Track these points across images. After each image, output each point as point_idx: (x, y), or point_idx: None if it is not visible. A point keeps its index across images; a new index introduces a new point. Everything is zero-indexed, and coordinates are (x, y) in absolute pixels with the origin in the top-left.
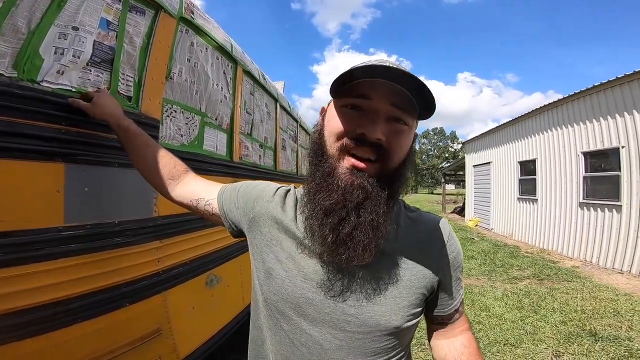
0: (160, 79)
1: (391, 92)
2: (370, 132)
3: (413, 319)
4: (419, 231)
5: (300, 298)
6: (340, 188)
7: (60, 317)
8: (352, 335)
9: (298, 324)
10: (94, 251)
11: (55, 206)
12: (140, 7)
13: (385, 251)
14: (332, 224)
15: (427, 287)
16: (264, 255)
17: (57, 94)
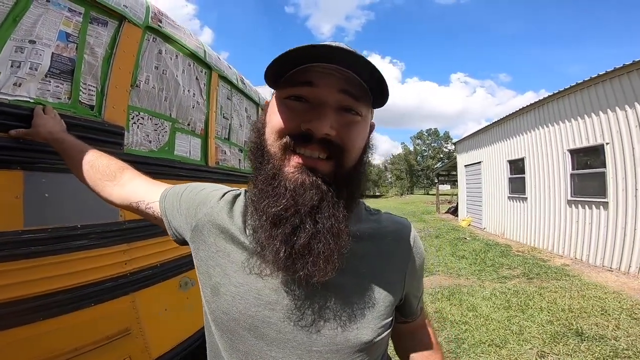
0: (124, 87)
1: (340, 77)
2: (317, 128)
3: (384, 331)
4: (384, 237)
5: (254, 317)
6: (288, 190)
7: (21, 314)
8: (320, 356)
9: (256, 346)
10: (55, 253)
11: (14, 211)
12: (103, 19)
13: (347, 261)
14: (284, 234)
15: (395, 296)
16: (210, 269)
17: (14, 105)
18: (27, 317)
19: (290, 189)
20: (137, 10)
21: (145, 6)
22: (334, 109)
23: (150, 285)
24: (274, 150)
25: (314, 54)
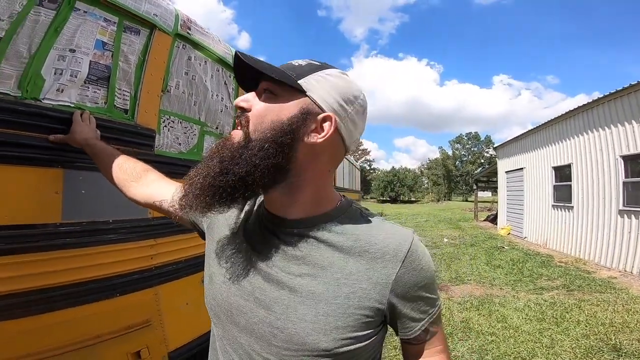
0: (156, 92)
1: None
2: (238, 101)
3: (351, 344)
4: (371, 243)
5: (232, 305)
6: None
7: (55, 301)
8: (278, 351)
9: (230, 330)
10: (88, 245)
11: (54, 205)
12: (135, 28)
13: (326, 263)
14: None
15: (371, 308)
16: (210, 260)
17: (57, 109)
18: (60, 303)
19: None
20: (166, 19)
21: (175, 14)
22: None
23: (173, 280)
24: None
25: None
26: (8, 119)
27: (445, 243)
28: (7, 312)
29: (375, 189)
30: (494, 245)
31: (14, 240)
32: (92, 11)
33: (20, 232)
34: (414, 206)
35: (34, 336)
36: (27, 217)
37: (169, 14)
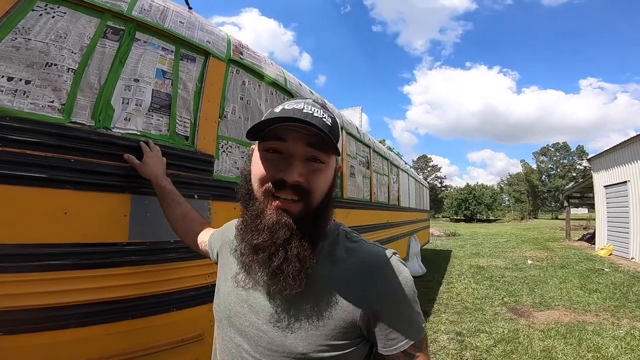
0: (213, 119)
1: (306, 133)
2: (288, 176)
3: (327, 351)
4: (351, 263)
5: (231, 310)
6: (267, 228)
7: (120, 312)
8: (263, 351)
9: (229, 332)
10: (151, 263)
11: (122, 226)
12: (191, 55)
13: (311, 279)
14: (263, 259)
15: (346, 320)
16: (219, 275)
17: (126, 137)
18: (125, 314)
19: (269, 227)
20: (219, 45)
21: (227, 40)
22: (302, 160)
23: None
24: (258, 195)
25: (286, 116)
26: (84, 148)
27: (529, 265)
28: (83, 319)
29: (448, 207)
30: (591, 267)
31: (87, 256)
32: (151, 41)
33: (92, 249)
34: (492, 225)
35: (102, 342)
36: (99, 236)
37: (221, 40)
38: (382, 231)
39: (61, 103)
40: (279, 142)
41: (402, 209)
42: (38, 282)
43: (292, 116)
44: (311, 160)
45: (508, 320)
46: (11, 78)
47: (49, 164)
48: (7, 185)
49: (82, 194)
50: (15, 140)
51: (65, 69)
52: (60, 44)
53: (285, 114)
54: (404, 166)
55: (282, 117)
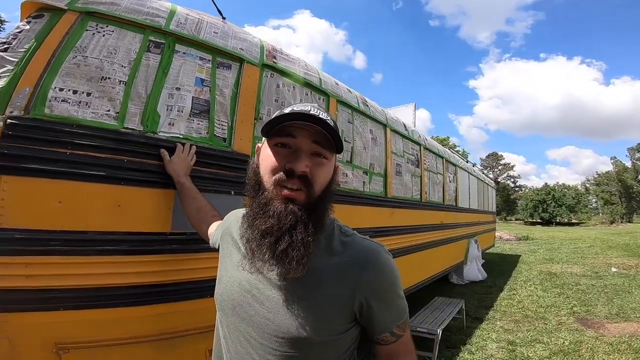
0: (249, 121)
1: (312, 132)
2: (297, 166)
3: (324, 336)
4: (345, 255)
5: (235, 300)
6: (275, 214)
7: (158, 295)
8: (270, 337)
9: (233, 321)
10: (191, 252)
11: (166, 218)
12: (227, 63)
13: (311, 269)
14: (270, 243)
15: (343, 306)
16: (221, 264)
17: (170, 140)
18: (164, 297)
19: (277, 213)
20: (252, 51)
21: (259, 45)
22: (308, 154)
23: None
24: (267, 185)
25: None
26: (136, 150)
27: (613, 273)
28: (129, 300)
29: (522, 209)
30: None
31: (137, 244)
32: (190, 52)
33: (141, 237)
34: (575, 229)
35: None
36: (147, 226)
37: (254, 46)
38: (434, 232)
39: (116, 111)
40: (289, 138)
41: (460, 210)
42: (96, 264)
43: (302, 113)
44: (316, 155)
45: (573, 331)
46: (75, 91)
47: (107, 164)
48: (75, 181)
49: (133, 189)
50: (81, 144)
51: (117, 81)
52: (112, 59)
53: (297, 113)
54: (463, 164)
55: (295, 114)
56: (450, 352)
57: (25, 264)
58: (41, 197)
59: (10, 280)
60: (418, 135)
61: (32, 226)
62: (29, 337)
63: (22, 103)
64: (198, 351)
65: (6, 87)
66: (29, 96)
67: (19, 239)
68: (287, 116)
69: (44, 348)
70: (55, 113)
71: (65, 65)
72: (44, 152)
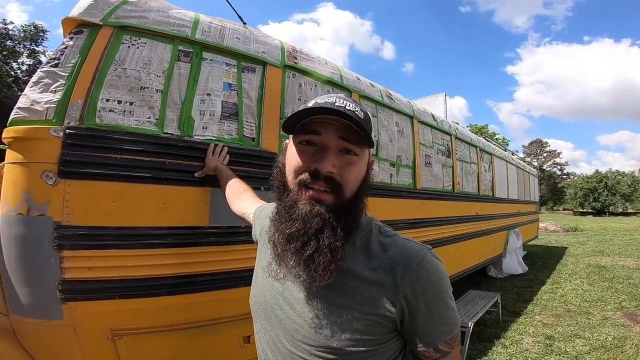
0: (275, 121)
1: (339, 126)
2: (322, 167)
3: (359, 346)
4: (384, 257)
5: (267, 303)
6: (300, 217)
7: (197, 285)
8: (299, 345)
9: (265, 325)
10: (227, 244)
11: (204, 213)
12: (251, 66)
13: (344, 271)
14: (295, 248)
15: (379, 315)
16: (257, 263)
17: (205, 142)
18: (202, 287)
19: (302, 216)
20: (274, 53)
21: (280, 47)
22: (335, 152)
23: None
24: (292, 186)
25: (320, 109)
26: (175, 153)
27: None
28: (172, 289)
29: (570, 198)
30: None
31: (179, 237)
32: (216, 58)
33: (183, 231)
34: (631, 219)
35: (184, 310)
36: (187, 220)
37: (275, 48)
38: (468, 224)
39: (155, 118)
40: (313, 135)
41: (498, 200)
42: (145, 257)
43: (324, 106)
44: (345, 153)
45: (618, 327)
46: (120, 101)
47: (151, 166)
48: (125, 182)
49: (175, 188)
50: (128, 149)
51: (155, 90)
52: (148, 69)
53: (318, 107)
54: (500, 153)
55: (316, 108)
56: (483, 346)
57: (88, 257)
58: (99, 198)
59: (77, 272)
60: (448, 125)
61: (92, 223)
62: (90, 324)
63: (77, 114)
64: (232, 337)
65: (62, 99)
66: (82, 108)
67: (83, 235)
68: (309, 111)
69: (102, 334)
70: (104, 122)
71: (109, 77)
72: (99, 158)
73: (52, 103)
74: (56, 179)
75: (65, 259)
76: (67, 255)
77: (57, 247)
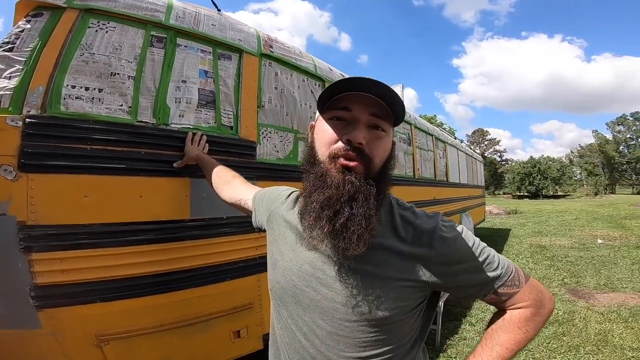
0: (253, 109)
1: (369, 102)
2: (354, 138)
3: (401, 313)
4: (408, 228)
5: (296, 287)
6: (333, 184)
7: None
8: (340, 323)
9: (294, 311)
10: (210, 237)
11: (184, 206)
12: (227, 54)
13: (374, 245)
14: (328, 216)
15: (417, 281)
16: (273, 248)
17: (182, 131)
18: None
19: (335, 183)
20: (250, 41)
21: (256, 35)
22: (365, 126)
23: None
24: (323, 159)
25: (351, 84)
26: (150, 142)
27: (599, 245)
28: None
29: (509, 183)
30: None
31: (159, 232)
32: (191, 44)
33: (162, 226)
34: (560, 202)
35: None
36: (167, 214)
37: (251, 36)
38: (428, 208)
39: (128, 106)
40: (345, 112)
41: (451, 185)
42: (124, 255)
43: (358, 80)
44: (373, 128)
45: (565, 302)
46: (87, 88)
47: (126, 156)
48: (98, 175)
49: (152, 179)
50: (100, 139)
51: (126, 76)
52: (118, 55)
53: (353, 79)
54: (452, 141)
55: (350, 80)
56: (453, 325)
57: (60, 259)
58: (68, 193)
59: (49, 276)
60: (408, 115)
61: (63, 221)
62: (71, 331)
63: (38, 102)
64: (223, 333)
65: (19, 86)
66: (44, 94)
67: (53, 235)
68: (343, 86)
69: (86, 341)
70: (71, 110)
71: (74, 62)
72: (66, 149)
73: (6, 90)
74: (16, 173)
75: (34, 262)
76: (36, 258)
77: (24, 249)
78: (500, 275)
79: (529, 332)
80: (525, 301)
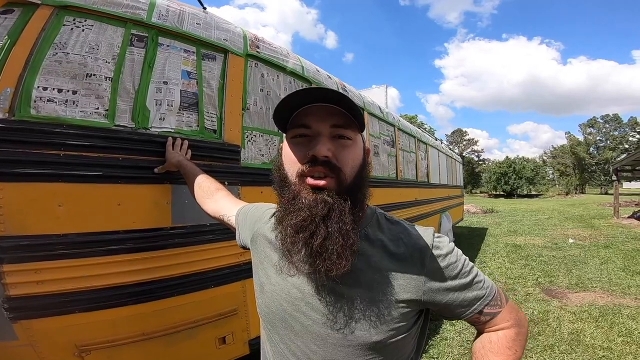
0: (237, 111)
1: (328, 112)
2: (317, 152)
3: (397, 335)
4: (399, 245)
5: (285, 312)
6: (305, 206)
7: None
8: (334, 348)
9: (286, 335)
10: (193, 244)
11: (165, 213)
12: (211, 54)
13: (364, 266)
14: (305, 238)
15: (410, 300)
16: (259, 270)
17: (162, 135)
18: (170, 292)
19: (306, 205)
20: (236, 41)
21: (242, 35)
22: (329, 138)
23: None
24: (292, 179)
25: (305, 97)
26: (129, 147)
27: (570, 244)
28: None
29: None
30: (638, 247)
31: (139, 241)
32: (173, 44)
33: (143, 234)
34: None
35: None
36: (148, 222)
37: (237, 36)
38: (410, 209)
39: (105, 109)
40: (304, 129)
41: (432, 186)
42: (103, 265)
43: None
44: (337, 138)
45: (540, 301)
46: (60, 90)
47: (102, 163)
48: (72, 183)
49: (131, 187)
50: (74, 144)
51: (103, 77)
52: (95, 55)
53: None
54: (433, 142)
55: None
56: (434, 324)
57: (35, 270)
58: (41, 202)
59: (23, 287)
60: (392, 116)
61: (36, 232)
62: (50, 342)
63: (6, 105)
64: (208, 340)
65: None
66: (12, 97)
67: (25, 246)
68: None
69: (67, 352)
70: (42, 114)
71: (46, 62)
72: (37, 155)
73: None
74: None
75: (6, 274)
76: (8, 270)
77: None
78: (486, 294)
79: (518, 352)
80: (507, 321)
